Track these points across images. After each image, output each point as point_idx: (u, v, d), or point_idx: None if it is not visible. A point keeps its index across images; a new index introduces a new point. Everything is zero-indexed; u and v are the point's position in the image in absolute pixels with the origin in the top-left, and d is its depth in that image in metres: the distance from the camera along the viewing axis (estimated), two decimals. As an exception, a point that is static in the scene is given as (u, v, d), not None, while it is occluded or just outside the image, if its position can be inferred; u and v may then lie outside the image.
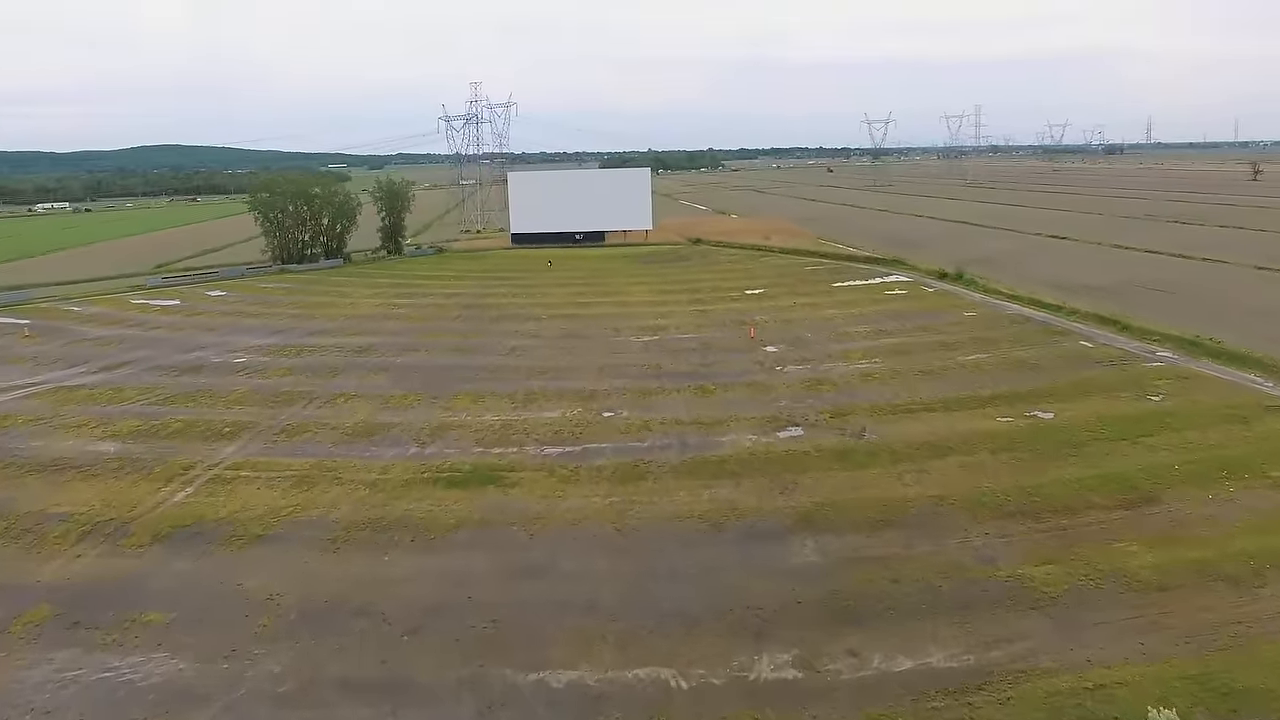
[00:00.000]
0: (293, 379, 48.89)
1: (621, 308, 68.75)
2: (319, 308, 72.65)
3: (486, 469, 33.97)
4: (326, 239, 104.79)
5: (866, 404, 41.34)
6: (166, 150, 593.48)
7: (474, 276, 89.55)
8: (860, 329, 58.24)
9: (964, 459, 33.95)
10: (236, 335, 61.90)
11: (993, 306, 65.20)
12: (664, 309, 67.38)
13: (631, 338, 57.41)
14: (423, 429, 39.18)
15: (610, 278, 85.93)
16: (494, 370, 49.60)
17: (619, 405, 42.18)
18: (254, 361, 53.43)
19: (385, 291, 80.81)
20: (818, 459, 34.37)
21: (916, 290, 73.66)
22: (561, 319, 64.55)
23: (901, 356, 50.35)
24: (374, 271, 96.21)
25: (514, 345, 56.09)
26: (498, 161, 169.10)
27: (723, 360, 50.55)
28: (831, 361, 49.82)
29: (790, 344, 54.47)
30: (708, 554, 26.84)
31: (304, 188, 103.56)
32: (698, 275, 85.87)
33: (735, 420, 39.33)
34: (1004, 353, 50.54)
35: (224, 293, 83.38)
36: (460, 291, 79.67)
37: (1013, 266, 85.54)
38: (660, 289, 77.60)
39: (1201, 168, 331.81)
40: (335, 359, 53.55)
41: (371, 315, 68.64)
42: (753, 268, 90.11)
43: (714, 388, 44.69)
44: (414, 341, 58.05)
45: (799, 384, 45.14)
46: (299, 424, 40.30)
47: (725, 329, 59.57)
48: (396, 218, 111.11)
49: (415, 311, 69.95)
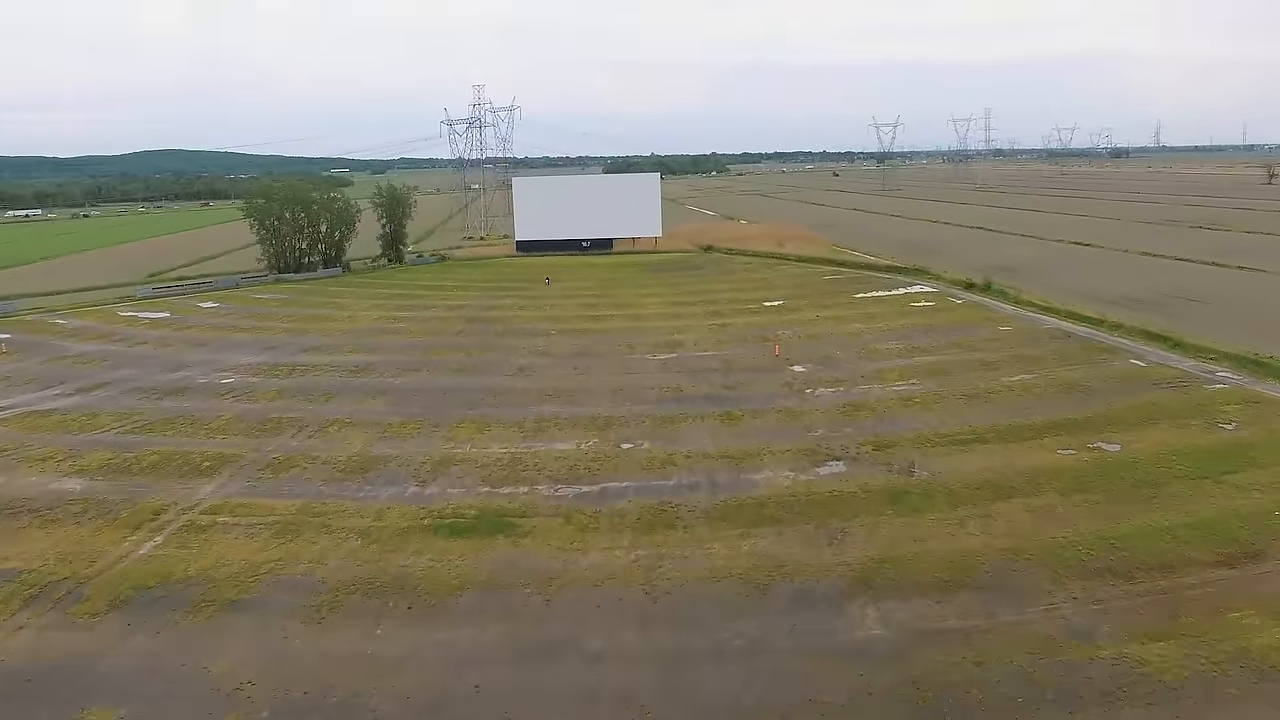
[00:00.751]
0: (283, 403, 45.19)
1: (635, 321, 65.02)
2: (315, 321, 68.98)
3: (494, 514, 30.21)
4: (325, 247, 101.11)
5: (911, 433, 37.54)
6: (168, 155, 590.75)
7: (478, 287, 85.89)
8: (891, 345, 54.46)
9: (1030, 501, 30.15)
10: (226, 352, 58.24)
11: (1028, 320, 61.40)
12: (680, 323, 63.63)
13: (647, 356, 53.67)
14: (423, 463, 35.43)
15: (621, 288, 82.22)
16: (501, 393, 45.86)
17: (638, 435, 38.41)
18: (242, 382, 49.74)
19: (385, 303, 77.16)
20: (866, 501, 30.58)
21: (944, 302, 69.87)
22: (571, 334, 60.83)
23: (941, 377, 46.55)
24: (374, 281, 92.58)
25: (521, 364, 52.35)
26: (501, 166, 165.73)
27: (748, 382, 46.78)
28: (866, 383, 46.04)
29: (819, 363, 50.70)
30: (754, 625, 23.05)
31: (301, 194, 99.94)
32: (713, 285, 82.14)
33: (768, 453, 35.54)
34: (1050, 373, 46.73)
35: (217, 304, 79.78)
36: (464, 303, 75.99)
37: (1040, 276, 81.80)
38: (674, 301, 73.86)
39: (1211, 171, 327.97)
40: (329, 379, 49.85)
41: (370, 329, 64.96)
42: (769, 277, 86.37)
43: (741, 414, 40.91)
44: (414, 360, 54.34)
45: (834, 410, 41.35)
46: (286, 457, 36.56)
47: (747, 345, 55.80)
48: (398, 225, 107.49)
49: (416, 325, 66.27)
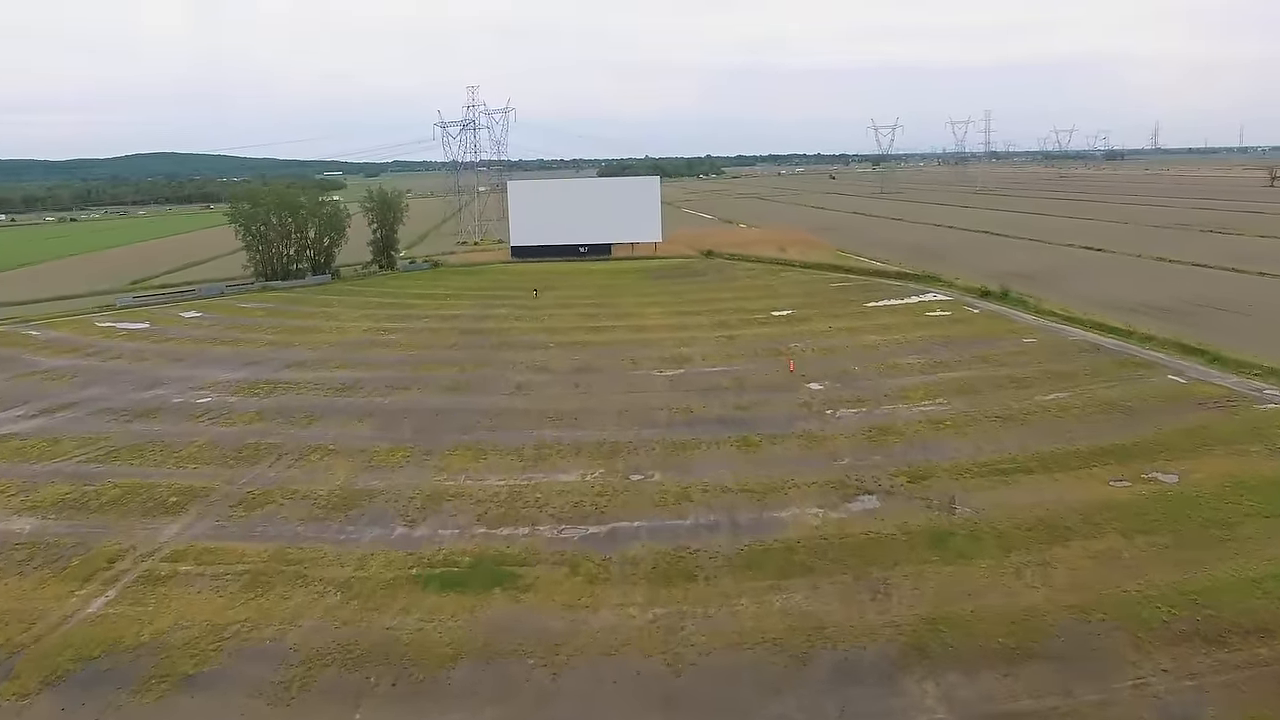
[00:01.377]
0: (262, 426, 41.80)
1: (637, 333, 61.75)
2: (301, 333, 65.55)
3: (492, 561, 26.91)
4: (313, 253, 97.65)
5: (947, 462, 34.36)
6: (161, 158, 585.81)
7: (472, 295, 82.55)
8: (912, 360, 51.30)
9: (1091, 545, 26.96)
10: (205, 367, 54.81)
11: (1051, 331, 58.31)
12: (685, 334, 60.37)
13: (653, 371, 50.41)
14: (412, 498, 32.10)
15: (621, 296, 78.95)
16: (497, 415, 42.53)
17: (648, 464, 35.15)
18: (219, 402, 46.33)
19: (375, 313, 73.74)
20: (907, 545, 27.35)
21: (961, 311, 66.76)
22: (571, 347, 57.52)
23: (970, 396, 43.39)
24: (364, 289, 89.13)
25: (519, 381, 49.03)
26: (495, 169, 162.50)
27: (763, 402, 43.54)
28: (890, 403, 42.84)
29: (836, 380, 47.50)
30: (796, 707, 19.80)
31: (288, 199, 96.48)
32: (717, 293, 78.93)
33: (793, 486, 32.31)
34: (1086, 390, 43.61)
35: (199, 314, 76.29)
36: (457, 313, 72.64)
37: (1056, 282, 78.79)
38: (678, 310, 70.62)
39: (1209, 173, 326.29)
40: (313, 399, 46.46)
41: (358, 342, 61.55)
42: (774, 284, 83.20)
43: (758, 439, 37.66)
44: (404, 376, 50.98)
45: (859, 434, 38.14)
46: (262, 491, 33.20)
47: (758, 360, 52.58)
48: (389, 230, 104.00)
49: (407, 338, 62.88)
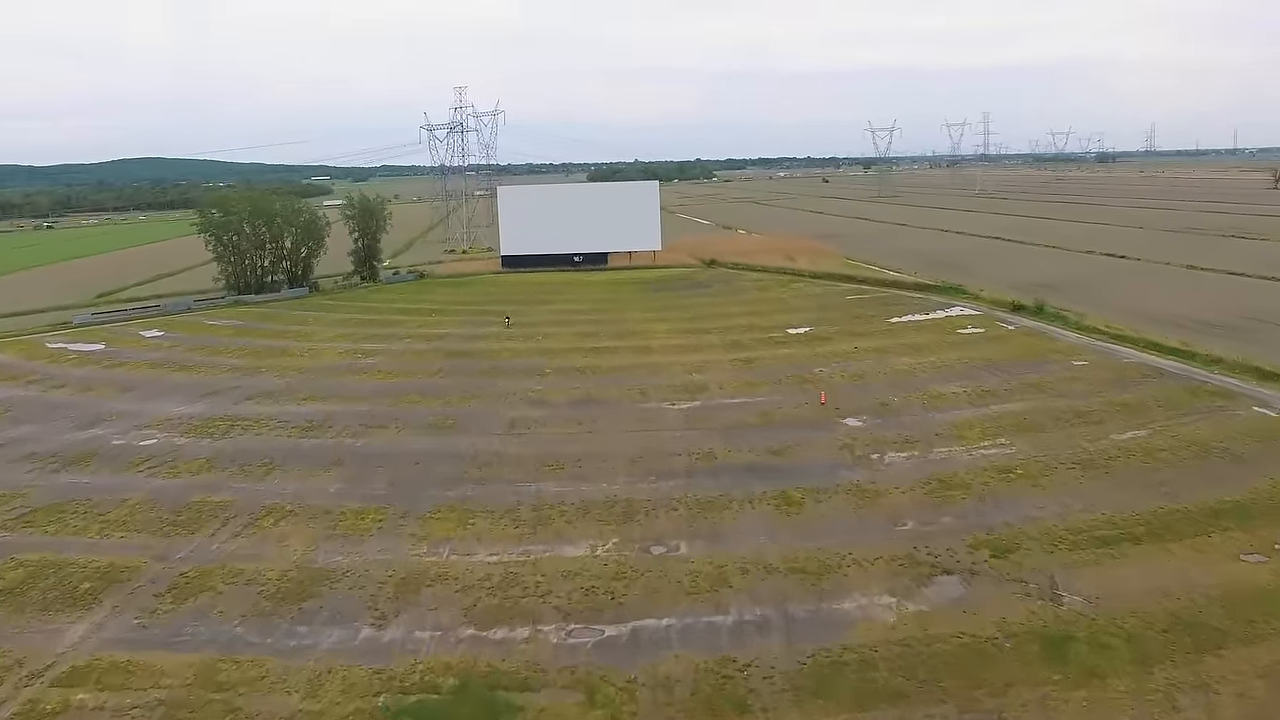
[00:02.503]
0: (211, 478, 35.55)
1: (643, 355, 55.69)
2: (269, 356, 59.21)
3: (483, 683, 20.80)
4: (290, 264, 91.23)
5: (1031, 526, 28.48)
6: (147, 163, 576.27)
7: (460, 310, 76.33)
8: (955, 388, 45.46)
9: (1254, 654, 21.07)
10: (157, 399, 48.48)
11: (1101, 352, 52.66)
12: (697, 358, 54.36)
13: (665, 404, 44.38)
14: (383, 584, 25.96)
15: (622, 311, 72.91)
16: (487, 462, 36.40)
17: (671, 530, 29.13)
18: (166, 445, 40.02)
19: (354, 331, 67.45)
20: (1016, 656, 21.39)
21: (994, 328, 61.03)
22: (571, 374, 51.42)
23: (1034, 435, 37.56)
24: (343, 304, 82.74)
25: (513, 417, 42.89)
26: (484, 173, 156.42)
27: (796, 443, 37.57)
28: (944, 443, 36.96)
29: (876, 414, 41.59)
30: None
31: (262, 206, 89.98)
32: (725, 308, 72.97)
33: (852, 563, 26.35)
34: (1167, 427, 37.85)
35: (161, 332, 69.84)
36: (443, 331, 66.42)
37: (1088, 294, 73.28)
38: (685, 327, 64.60)
39: (1205, 175, 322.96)
40: (275, 441, 40.21)
41: (333, 368, 55.27)
42: (786, 297, 77.36)
43: (799, 495, 31.68)
44: (382, 411, 44.77)
45: (917, 487, 32.23)
46: (199, 572, 26.98)
47: (783, 389, 46.64)
48: (371, 239, 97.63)
49: (387, 361, 56.62)
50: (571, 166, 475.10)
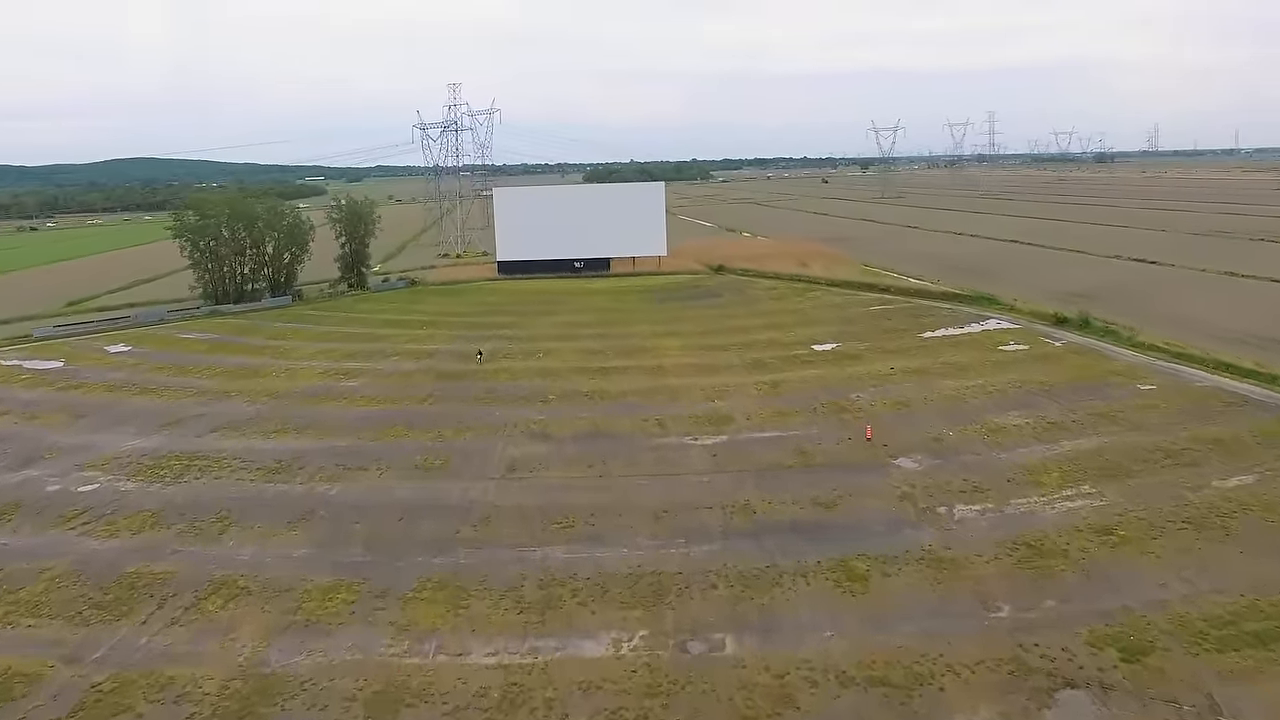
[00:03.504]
0: (154, 537, 29.92)
1: (656, 378, 50.09)
2: (242, 377, 53.52)
3: None
4: (272, 270, 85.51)
5: (1159, 614, 23.01)
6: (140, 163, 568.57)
7: (453, 322, 70.69)
8: (1014, 419, 40.00)
9: None
10: (110, 431, 42.80)
11: (1167, 373, 47.27)
12: (717, 381, 48.81)
13: (687, 439, 38.82)
14: (350, 702, 20.34)
15: (629, 324, 67.30)
16: (484, 518, 30.81)
17: (712, 618, 23.58)
18: (108, 493, 34.35)
19: (336, 347, 61.73)
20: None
21: (1039, 344, 55.60)
22: (576, 400, 45.82)
23: (1122, 482, 32.12)
24: (327, 314, 76.97)
25: (512, 456, 37.26)
26: (479, 173, 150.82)
27: (846, 492, 32.05)
28: (1019, 492, 31.49)
29: (932, 453, 36.11)
30: None
31: (242, 209, 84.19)
32: (741, 320, 67.41)
33: (946, 669, 20.83)
34: (1277, 471, 32.44)
35: (128, 347, 64.09)
36: (435, 348, 60.74)
37: (1130, 305, 67.98)
38: (700, 343, 59.02)
39: (1208, 176, 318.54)
40: (236, 486, 34.56)
41: (310, 392, 49.59)
42: (805, 308, 71.85)
43: (863, 567, 26.16)
44: (362, 447, 39.12)
45: (1002, 553, 26.73)
46: (115, 685, 21.33)
47: (818, 420, 41.11)
48: (359, 244, 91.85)
49: (371, 384, 50.95)
50: (567, 167, 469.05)
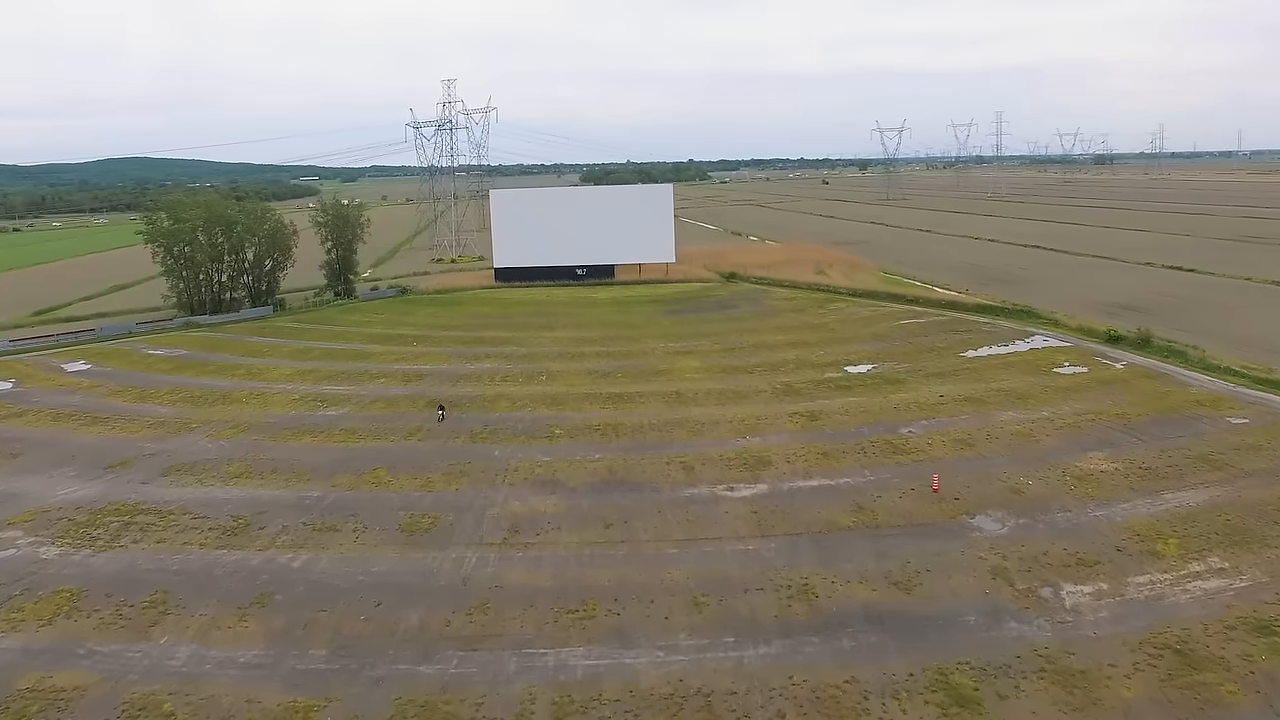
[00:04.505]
0: (64, 631, 23.98)
1: (676, 406, 44.22)
2: (208, 403, 47.58)
3: None
4: (252, 279, 79.58)
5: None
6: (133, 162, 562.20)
7: (445, 337, 64.78)
8: (1099, 463, 34.26)
9: None
10: (43, 475, 36.84)
11: (1258, 403, 41.69)
12: (745, 409, 42.98)
13: (720, 488, 33.00)
14: None
15: (639, 340, 61.44)
16: (482, 603, 24.88)
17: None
18: (23, 563, 28.37)
19: (316, 367, 55.77)
20: None
21: (1098, 367, 49.91)
22: (588, 435, 39.94)
23: (1257, 552, 26.45)
24: (309, 327, 70.94)
25: (514, 514, 31.35)
26: (475, 174, 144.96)
27: (924, 565, 26.25)
28: (1136, 568, 25.72)
29: (1012, 507, 30.35)
30: None
31: (219, 212, 78.10)
32: (762, 335, 61.56)
33: None
34: None
35: (88, 365, 58.11)
36: (426, 368, 54.82)
37: (1181, 318, 62.64)
38: (720, 363, 53.21)
39: (1214, 178, 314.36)
40: (179, 556, 28.62)
41: (282, 424, 43.64)
42: (830, 321, 66.09)
43: (970, 682, 20.36)
44: (336, 500, 33.21)
45: (1144, 664, 20.96)
46: None
47: (871, 461, 35.31)
48: (346, 249, 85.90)
49: (353, 414, 45.01)
50: (564, 167, 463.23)
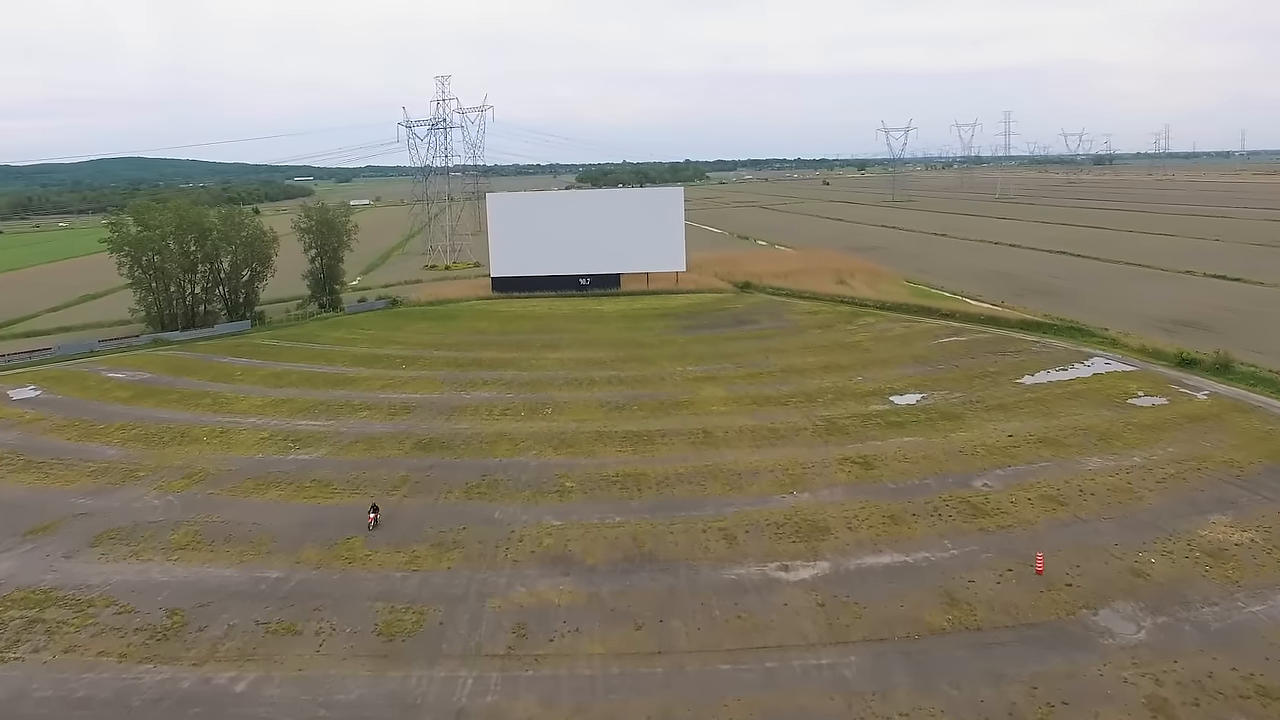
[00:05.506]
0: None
1: (706, 449, 37.96)
2: (161, 444, 41.28)
3: None
4: (228, 290, 73.23)
5: None
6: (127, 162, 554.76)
7: (438, 358, 58.50)
8: (1227, 531, 28.21)
9: None
10: (-49, 540, 30.54)
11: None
12: (786, 452, 36.78)
13: (772, 568, 26.81)
14: None
15: (655, 361, 55.21)
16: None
17: None
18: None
19: (291, 396, 49.45)
20: None
21: (1179, 398, 43.81)
22: (605, 490, 33.71)
23: None
24: (288, 345, 64.56)
25: (519, 608, 25.08)
26: (470, 174, 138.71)
27: (1057, 697, 20.16)
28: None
29: (1146, 602, 24.23)
30: None
31: (192, 218, 71.63)
32: (790, 355, 55.34)
33: None
34: None
35: (37, 392, 51.85)
36: (414, 398, 48.55)
37: (1248, 336, 56.66)
38: (749, 391, 46.98)
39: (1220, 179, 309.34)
40: (85, 680, 22.29)
41: (244, 471, 37.36)
42: (862, 340, 59.90)
43: None
44: (298, 583, 26.95)
45: None
46: None
47: (949, 529, 29.14)
48: (331, 258, 79.54)
49: (327, 458, 38.73)
50: (559, 167, 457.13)
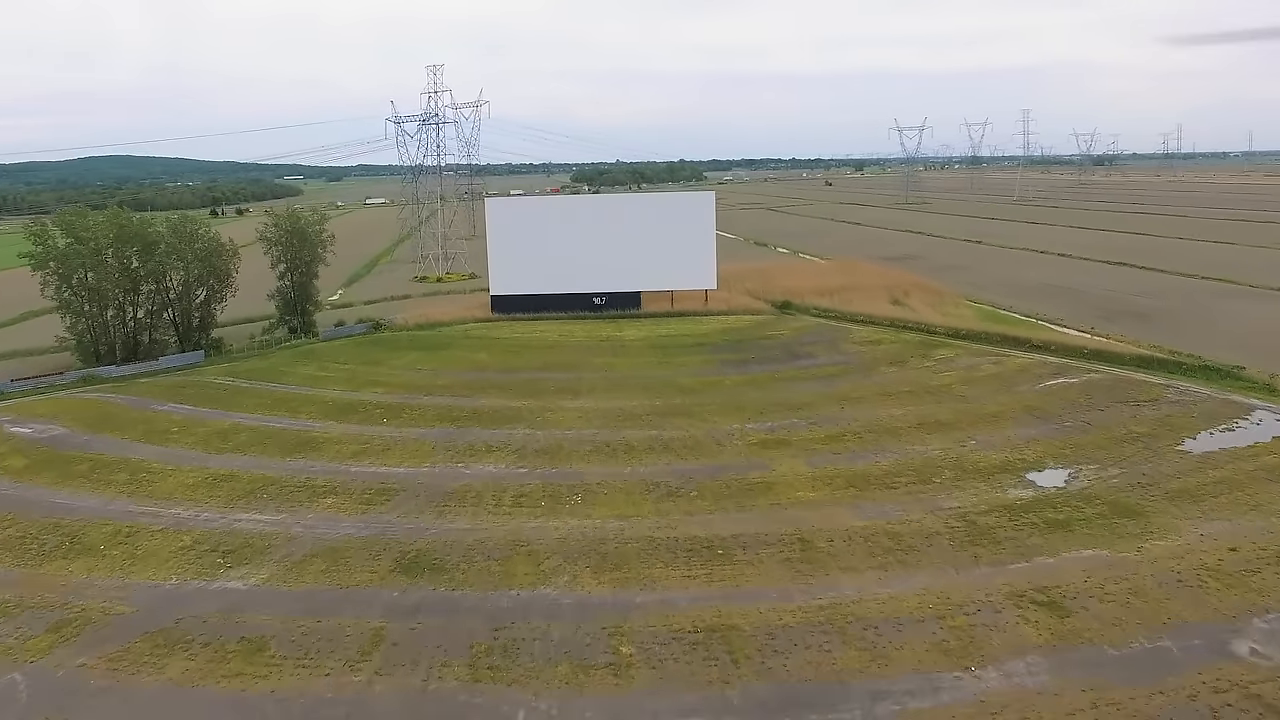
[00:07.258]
0: None
1: (807, 573, 26.60)
2: (35, 560, 29.74)
3: None
4: (177, 313, 61.60)
5: None
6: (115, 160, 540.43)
7: (428, 407, 46.95)
8: None
9: None
10: None
11: None
12: (929, 583, 25.49)
13: None
14: None
15: (701, 413, 43.72)
16: None
17: None
18: None
19: (237, 470, 37.82)
20: None
21: None
22: (678, 666, 22.40)
23: None
24: (246, 386, 52.74)
25: None
26: (463, 173, 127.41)
27: None
28: None
29: None
30: None
31: (134, 229, 59.87)
32: (870, 405, 43.90)
33: None
34: None
35: (-87, 457, 40.20)
36: (395, 473, 36.91)
37: None
38: (837, 465, 35.57)
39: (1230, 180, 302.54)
40: None
41: (144, 619, 25.91)
42: (949, 381, 48.62)
43: None
44: None
45: None
46: None
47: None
48: (303, 274, 67.83)
49: (268, 587, 27.24)
50: (554, 166, 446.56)
